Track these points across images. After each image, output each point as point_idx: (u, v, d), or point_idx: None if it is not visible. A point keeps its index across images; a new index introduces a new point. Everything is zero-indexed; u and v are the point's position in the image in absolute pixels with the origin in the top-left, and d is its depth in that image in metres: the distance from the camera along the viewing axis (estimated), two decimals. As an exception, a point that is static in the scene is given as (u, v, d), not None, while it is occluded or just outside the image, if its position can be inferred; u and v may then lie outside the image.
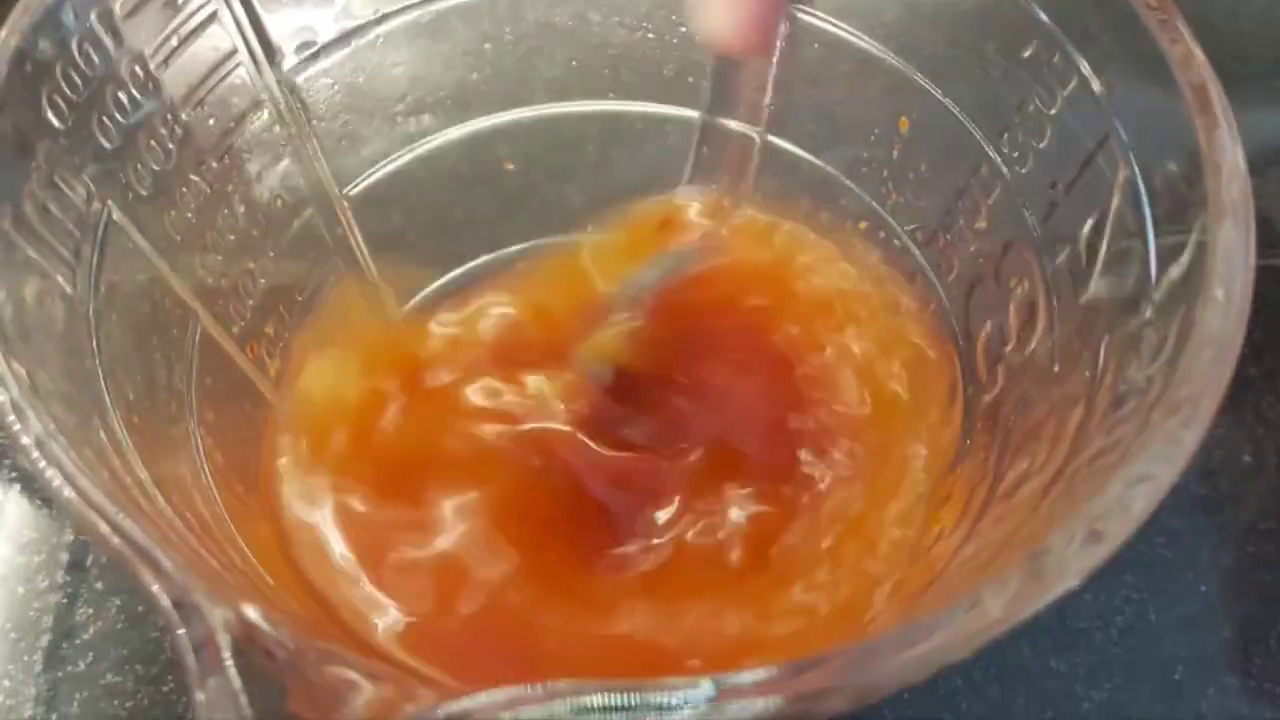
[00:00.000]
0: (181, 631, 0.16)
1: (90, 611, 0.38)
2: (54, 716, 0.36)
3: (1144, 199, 0.23)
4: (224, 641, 0.17)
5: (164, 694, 0.36)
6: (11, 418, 0.17)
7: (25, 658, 0.37)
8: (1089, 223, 0.25)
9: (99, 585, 0.38)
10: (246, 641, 0.17)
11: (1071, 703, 0.36)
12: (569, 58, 0.36)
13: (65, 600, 0.38)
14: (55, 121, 0.23)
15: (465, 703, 0.16)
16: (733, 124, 0.37)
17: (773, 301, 0.35)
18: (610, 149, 0.38)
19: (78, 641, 0.37)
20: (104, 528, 0.16)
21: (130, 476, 0.20)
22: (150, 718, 0.36)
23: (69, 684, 0.36)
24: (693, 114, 0.37)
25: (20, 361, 0.18)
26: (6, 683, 0.37)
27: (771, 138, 0.37)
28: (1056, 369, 0.25)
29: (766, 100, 0.36)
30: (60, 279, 0.22)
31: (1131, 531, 0.17)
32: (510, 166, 0.38)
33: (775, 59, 0.34)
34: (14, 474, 0.41)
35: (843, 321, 0.33)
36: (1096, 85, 0.24)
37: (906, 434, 0.31)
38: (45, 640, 0.37)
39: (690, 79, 0.36)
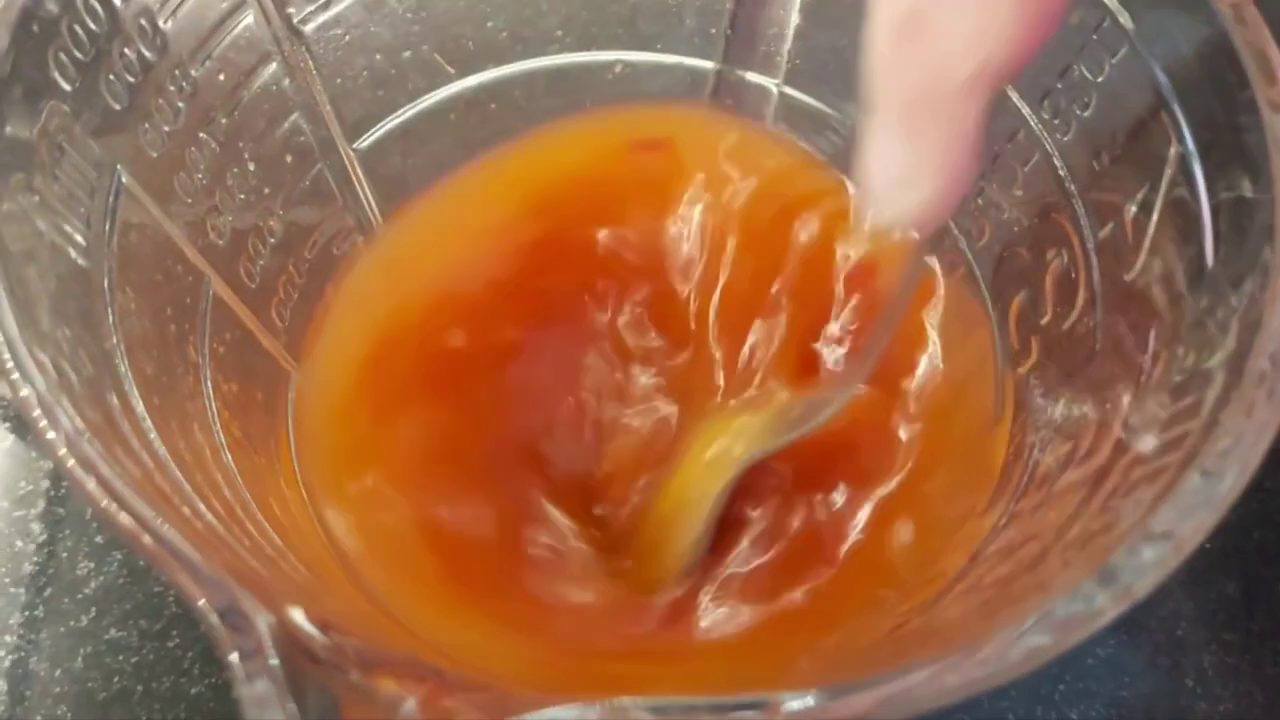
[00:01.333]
0: (226, 638, 0.16)
1: (91, 565, 0.38)
2: (58, 671, 0.36)
3: (1199, 178, 0.22)
4: (269, 647, 0.16)
5: (169, 649, 0.36)
6: (37, 412, 0.16)
7: (27, 612, 0.37)
8: (1137, 198, 0.24)
9: (99, 539, 0.38)
10: (290, 646, 0.16)
11: (1075, 658, 0.37)
12: (584, 7, 0.35)
13: (65, 554, 0.38)
14: (64, 84, 0.22)
15: (529, 718, 0.15)
16: (750, 75, 0.36)
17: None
18: (625, 100, 0.37)
19: (79, 596, 0.37)
20: (146, 539, 0.15)
21: (155, 463, 0.20)
22: (155, 673, 0.36)
23: (73, 639, 0.36)
24: (710, 65, 0.36)
25: (44, 349, 0.18)
26: (9, 637, 0.36)
27: (790, 89, 0.36)
28: (1100, 346, 0.24)
29: (786, 50, 0.35)
30: (73, 252, 0.21)
31: (1202, 536, 0.17)
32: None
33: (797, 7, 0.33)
34: (6, 423, 0.40)
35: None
36: (1149, 56, 0.23)
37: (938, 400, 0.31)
38: (47, 594, 0.37)
39: (712, 31, 0.35)
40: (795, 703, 0.16)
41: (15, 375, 0.17)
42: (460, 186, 0.36)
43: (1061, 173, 0.27)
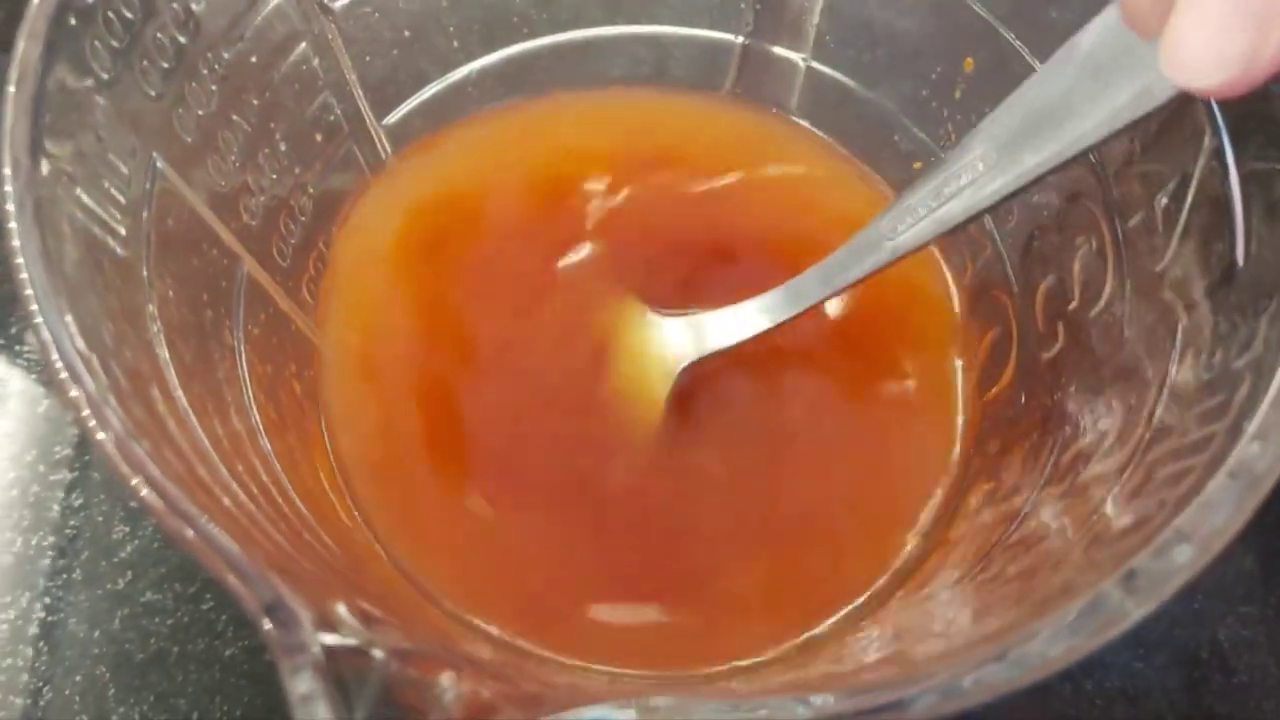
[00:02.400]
0: (273, 634, 0.16)
1: (126, 529, 0.38)
2: (96, 633, 0.36)
3: (1232, 172, 0.22)
4: (314, 642, 0.16)
5: (203, 611, 0.37)
6: (87, 413, 0.17)
7: (65, 575, 0.37)
8: (1168, 187, 0.24)
9: (133, 504, 0.39)
10: (332, 639, 0.17)
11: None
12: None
13: (101, 519, 0.38)
14: (101, 73, 0.22)
15: (566, 716, 0.16)
16: (777, 49, 0.36)
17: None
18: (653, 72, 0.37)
19: (115, 560, 0.38)
20: (195, 539, 0.16)
21: (197, 454, 0.20)
22: (190, 634, 0.36)
23: (110, 601, 0.37)
24: (736, 39, 0.36)
25: (92, 348, 0.18)
26: (48, 599, 0.37)
27: (817, 64, 0.35)
28: (1127, 337, 0.24)
29: (814, 23, 0.35)
30: (112, 242, 0.22)
31: (1234, 534, 0.17)
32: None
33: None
34: (41, 387, 0.41)
35: None
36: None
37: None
38: (84, 557, 0.38)
39: (741, 5, 0.34)
40: (824, 700, 0.16)
41: (65, 377, 0.17)
42: (468, 135, 0.36)
43: (1092, 159, 0.26)
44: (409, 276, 0.34)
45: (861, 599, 0.29)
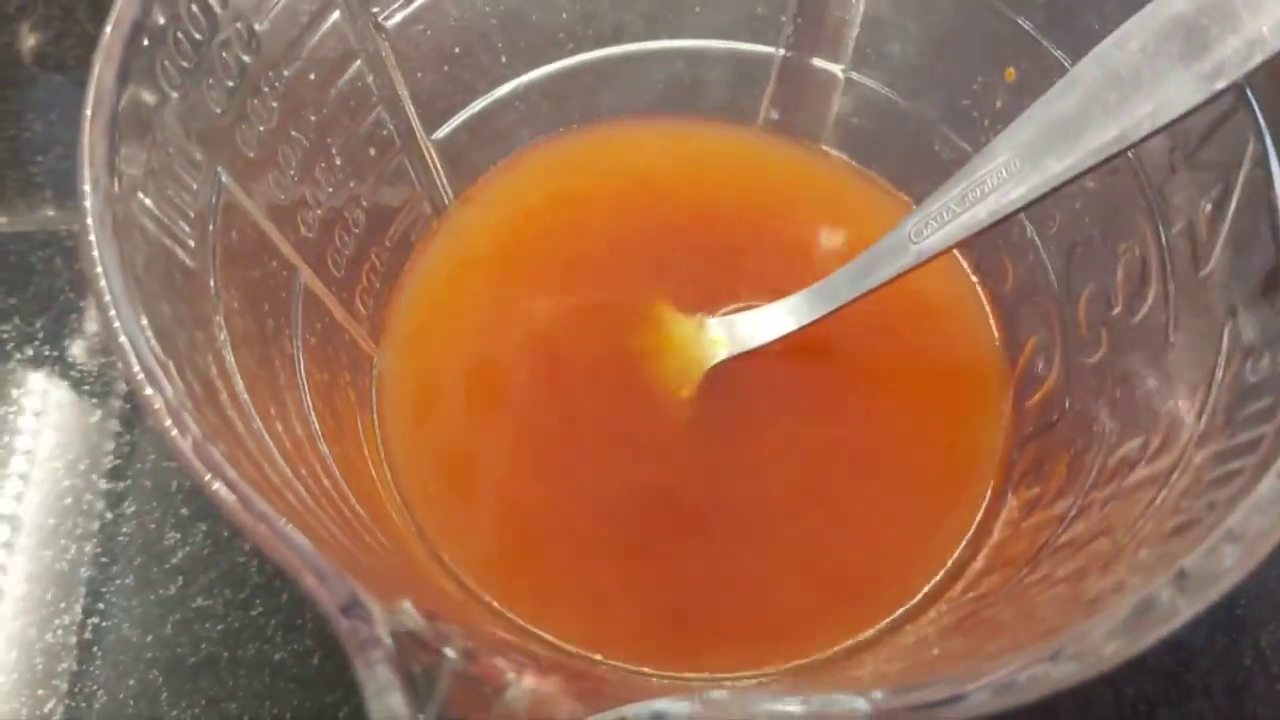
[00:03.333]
0: (349, 629, 0.17)
1: (178, 536, 0.39)
2: (150, 638, 0.37)
3: (1276, 174, 0.22)
4: (386, 637, 0.17)
5: (253, 617, 0.37)
6: (169, 422, 0.17)
7: (119, 581, 0.38)
8: (1213, 194, 0.24)
9: (184, 511, 0.39)
10: (403, 636, 0.17)
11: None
12: (656, -1, 0.35)
13: (153, 526, 0.39)
14: (170, 91, 0.22)
15: (630, 710, 0.16)
16: (816, 61, 0.36)
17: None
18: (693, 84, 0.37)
19: (167, 566, 0.38)
20: (273, 539, 0.16)
21: (265, 458, 0.21)
22: (241, 640, 0.37)
23: (162, 606, 0.37)
24: (776, 51, 0.36)
25: (169, 355, 0.19)
26: (101, 604, 0.38)
27: (857, 76, 0.36)
28: (1172, 342, 0.25)
29: (854, 36, 0.35)
30: (181, 253, 0.22)
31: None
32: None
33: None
34: (93, 399, 0.42)
35: None
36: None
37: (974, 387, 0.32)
38: (137, 563, 0.38)
39: (781, 18, 0.35)
40: (879, 696, 0.17)
41: (143, 381, 0.18)
42: (526, 168, 0.37)
43: (1135, 165, 0.27)
44: (466, 303, 0.35)
45: (909, 603, 0.29)
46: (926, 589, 0.29)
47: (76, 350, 0.43)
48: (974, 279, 0.35)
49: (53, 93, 0.50)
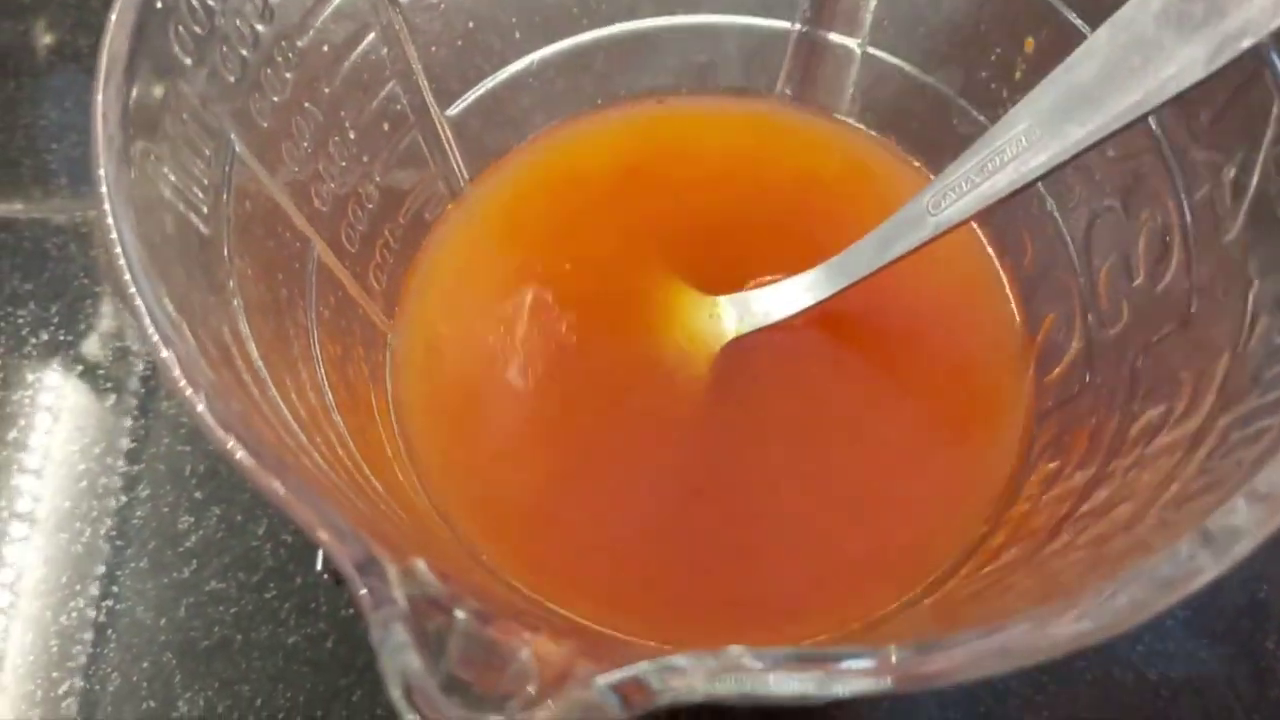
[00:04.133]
0: (364, 591, 0.17)
1: (191, 520, 0.39)
2: (163, 621, 0.37)
3: (1302, 140, 0.22)
4: (401, 595, 0.17)
5: (266, 600, 0.37)
6: (183, 382, 0.17)
7: (133, 564, 0.38)
8: (1237, 158, 0.24)
9: (198, 494, 0.39)
10: (417, 596, 0.17)
11: (1156, 619, 0.36)
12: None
13: (167, 509, 0.39)
14: (184, 58, 0.22)
15: (644, 666, 0.16)
16: (832, 35, 0.36)
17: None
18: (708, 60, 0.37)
19: (181, 549, 0.38)
20: (287, 495, 0.16)
21: (281, 423, 0.21)
22: (254, 623, 0.37)
23: (175, 589, 0.38)
24: (792, 26, 0.36)
25: (182, 313, 0.18)
26: (115, 588, 0.38)
27: (874, 50, 0.36)
28: (1194, 309, 0.24)
29: (870, 9, 0.35)
30: (195, 218, 0.22)
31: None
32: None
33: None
34: (108, 383, 0.42)
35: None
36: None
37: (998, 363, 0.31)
38: (151, 547, 0.38)
39: (800, -8, 0.35)
40: (898, 655, 0.16)
41: (156, 338, 0.18)
42: (541, 149, 0.37)
43: (1156, 133, 0.26)
44: (480, 281, 0.35)
45: (929, 579, 0.29)
46: (947, 564, 0.29)
47: (91, 336, 0.43)
48: (992, 253, 0.35)
49: (68, 81, 0.50)
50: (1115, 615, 0.16)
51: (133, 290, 0.18)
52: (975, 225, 0.34)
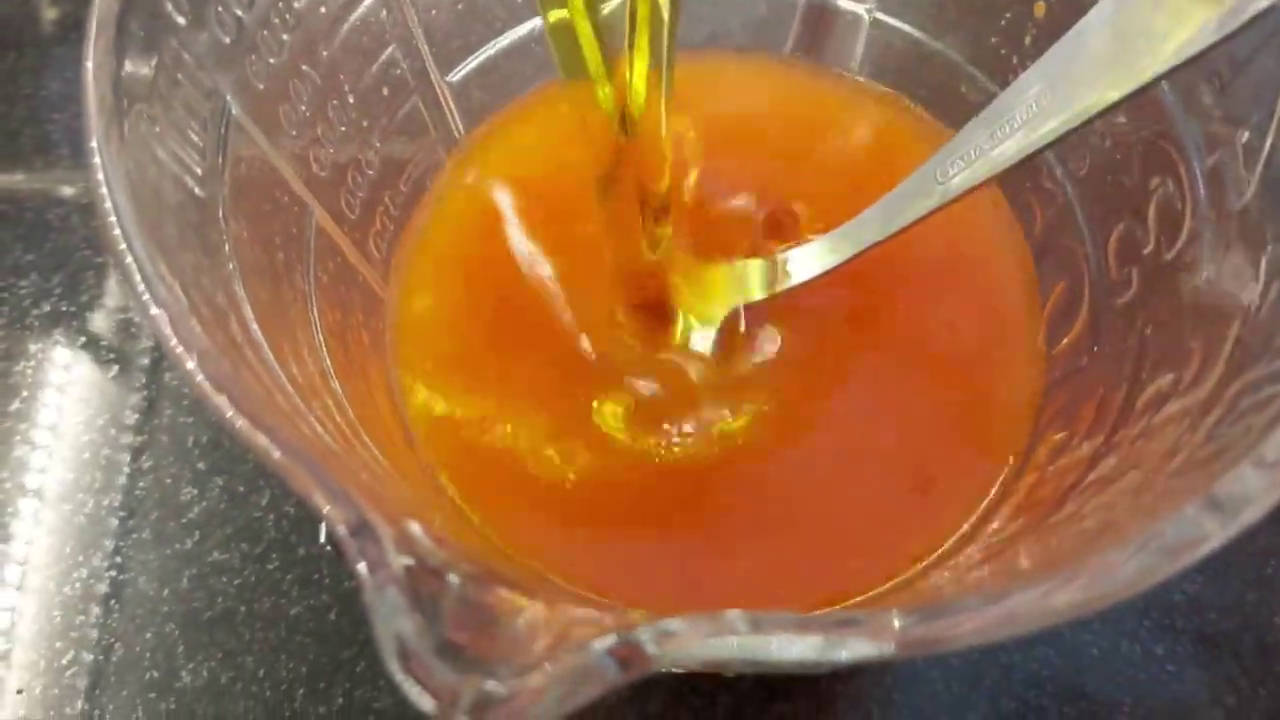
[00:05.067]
0: (357, 552, 0.16)
1: (194, 491, 0.39)
2: (166, 591, 0.37)
3: (1317, 104, 0.21)
4: (395, 557, 0.17)
5: (269, 571, 0.37)
6: (169, 330, 0.17)
7: (135, 535, 0.38)
8: (1250, 123, 0.23)
9: (201, 466, 0.39)
10: (412, 559, 0.17)
11: (1160, 594, 0.37)
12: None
13: (169, 480, 0.39)
14: (178, 17, 0.22)
15: (640, 631, 0.16)
16: (840, 2, 0.36)
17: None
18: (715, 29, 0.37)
19: (184, 520, 0.38)
20: (279, 455, 0.16)
21: (275, 386, 0.20)
22: (257, 594, 0.37)
23: (178, 561, 0.38)
24: (800, -9, 0.35)
25: (174, 274, 0.18)
26: (119, 558, 0.38)
27: (882, 15, 0.35)
28: (1205, 277, 0.24)
29: (878, -27, 0.34)
30: (189, 181, 0.22)
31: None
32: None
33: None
34: (111, 354, 0.42)
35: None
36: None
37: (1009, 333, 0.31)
38: (153, 518, 0.38)
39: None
40: (901, 620, 0.16)
41: (147, 297, 0.17)
42: (538, 107, 0.36)
43: (1168, 98, 0.26)
44: (484, 241, 0.34)
45: (937, 551, 0.28)
46: (954, 538, 0.29)
47: (95, 308, 0.43)
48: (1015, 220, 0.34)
49: (71, 51, 0.50)
50: (1121, 582, 0.16)
51: (123, 247, 0.18)
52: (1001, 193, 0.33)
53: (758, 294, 0.32)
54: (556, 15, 0.25)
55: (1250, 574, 0.37)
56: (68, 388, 0.41)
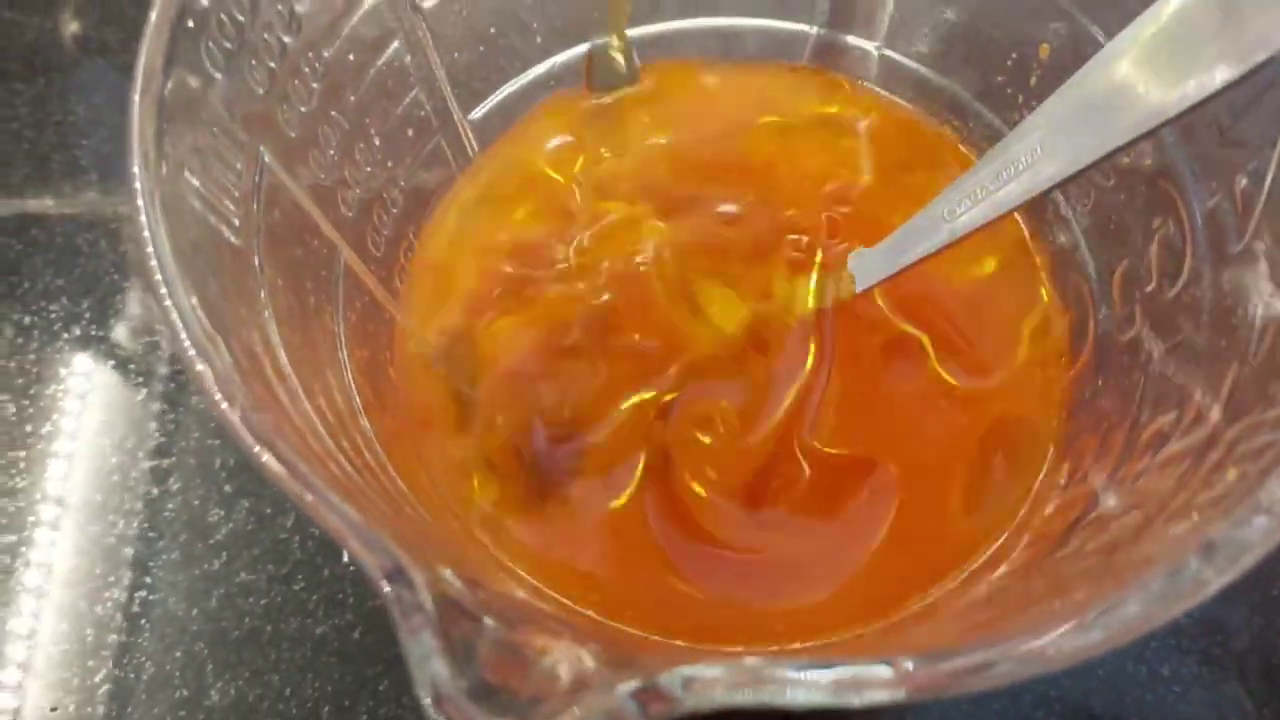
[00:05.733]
0: (393, 597, 0.17)
1: (221, 513, 0.40)
2: (195, 611, 0.38)
3: (1310, 151, 0.22)
4: (429, 603, 0.17)
5: (294, 591, 0.38)
6: (219, 397, 0.18)
7: (165, 556, 0.39)
8: (1248, 167, 0.24)
9: (227, 488, 0.40)
10: (445, 604, 0.18)
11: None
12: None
13: (197, 502, 0.40)
14: (214, 72, 0.23)
15: (663, 676, 0.16)
16: (850, 38, 0.36)
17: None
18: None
19: (211, 542, 0.39)
20: (321, 509, 0.17)
21: (310, 430, 0.21)
22: (283, 614, 0.38)
23: (207, 581, 0.39)
24: (810, 29, 0.36)
25: (217, 328, 0.19)
26: (148, 579, 0.39)
27: (890, 52, 0.36)
28: (1205, 318, 0.25)
29: (888, 12, 0.35)
30: (227, 231, 0.23)
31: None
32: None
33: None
34: (139, 378, 0.43)
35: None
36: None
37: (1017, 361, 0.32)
38: (182, 539, 0.39)
39: (816, -3, 0.35)
40: (909, 665, 0.17)
41: (193, 355, 0.18)
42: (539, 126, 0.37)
43: (1169, 142, 0.27)
44: (495, 264, 0.35)
45: (947, 585, 0.29)
46: (962, 574, 0.29)
47: (121, 331, 0.44)
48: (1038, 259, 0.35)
49: (96, 76, 0.51)
50: (1121, 627, 0.17)
51: (169, 304, 0.19)
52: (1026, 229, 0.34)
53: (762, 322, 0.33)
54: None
55: (1256, 596, 0.38)
56: (97, 410, 0.42)
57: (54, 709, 0.36)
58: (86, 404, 0.42)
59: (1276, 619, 0.37)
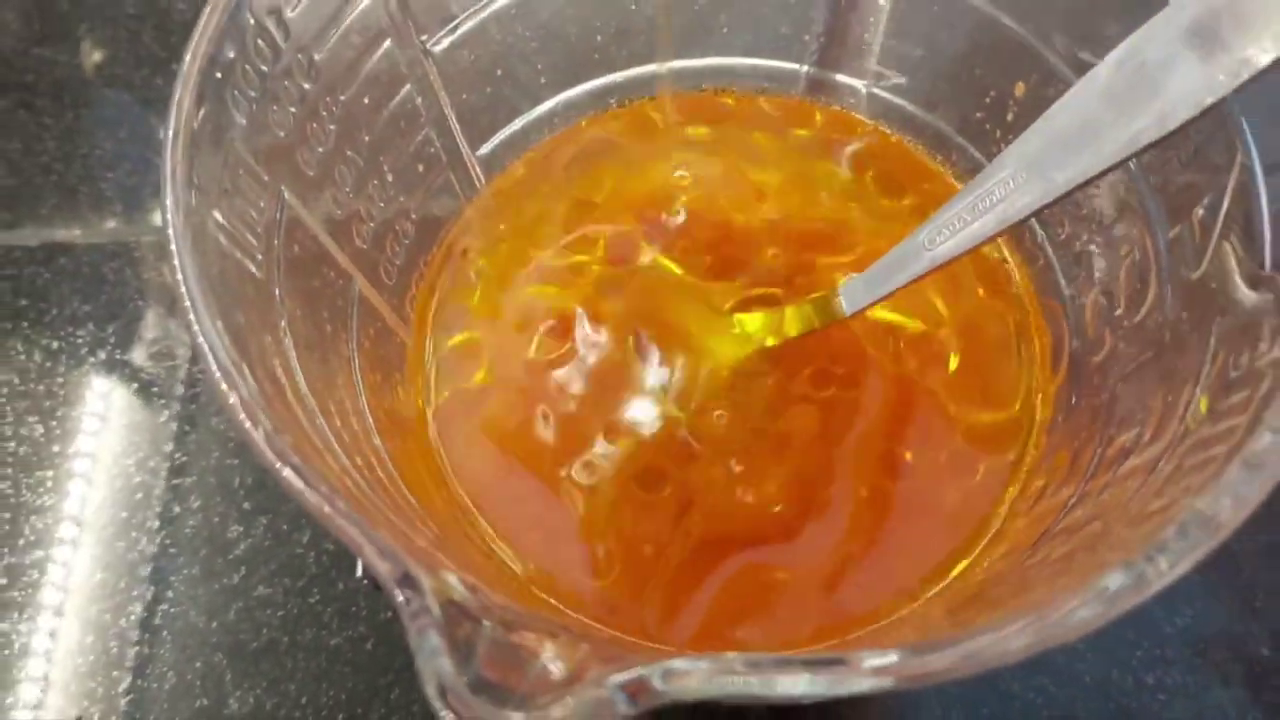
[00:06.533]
0: (402, 601, 0.19)
1: (240, 529, 0.41)
2: (214, 624, 0.39)
3: (1260, 184, 0.24)
4: (435, 606, 0.19)
5: (310, 604, 0.40)
6: (243, 417, 0.20)
7: (185, 571, 0.40)
8: (1204, 200, 0.25)
9: (245, 505, 0.42)
10: (449, 607, 0.19)
11: (1152, 626, 0.38)
12: (682, 16, 0.37)
13: (217, 519, 0.41)
14: (240, 118, 0.25)
15: (649, 669, 0.18)
16: (840, 76, 0.38)
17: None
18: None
19: (230, 556, 0.41)
20: (337, 518, 0.19)
21: (327, 449, 0.23)
22: (299, 626, 0.39)
23: (226, 595, 0.40)
24: (801, 68, 0.38)
25: (243, 358, 0.21)
26: (170, 593, 0.40)
27: (879, 90, 0.37)
28: (1168, 340, 0.26)
29: (875, 52, 0.37)
30: (250, 265, 0.24)
31: (1242, 520, 0.19)
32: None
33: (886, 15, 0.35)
34: (162, 400, 0.44)
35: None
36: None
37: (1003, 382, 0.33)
38: (202, 554, 0.41)
39: (805, 37, 0.37)
40: (877, 660, 0.18)
41: (221, 382, 0.20)
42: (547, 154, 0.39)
43: (1135, 175, 0.28)
44: (505, 286, 0.36)
45: (932, 590, 0.30)
46: (948, 577, 0.30)
47: (140, 354, 0.46)
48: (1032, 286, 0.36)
49: (120, 111, 0.53)
50: (1064, 628, 0.18)
51: (201, 340, 0.21)
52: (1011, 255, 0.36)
53: (751, 347, 0.34)
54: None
55: (1238, 606, 0.39)
56: (121, 431, 0.44)
57: (79, 717, 0.38)
58: (110, 425, 0.44)
59: (1258, 628, 0.38)
